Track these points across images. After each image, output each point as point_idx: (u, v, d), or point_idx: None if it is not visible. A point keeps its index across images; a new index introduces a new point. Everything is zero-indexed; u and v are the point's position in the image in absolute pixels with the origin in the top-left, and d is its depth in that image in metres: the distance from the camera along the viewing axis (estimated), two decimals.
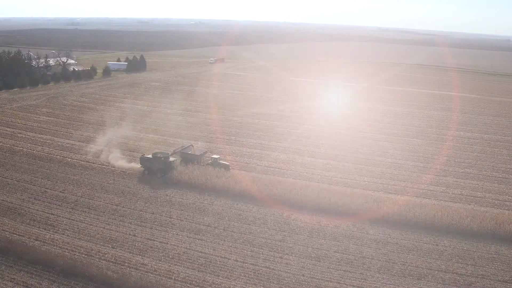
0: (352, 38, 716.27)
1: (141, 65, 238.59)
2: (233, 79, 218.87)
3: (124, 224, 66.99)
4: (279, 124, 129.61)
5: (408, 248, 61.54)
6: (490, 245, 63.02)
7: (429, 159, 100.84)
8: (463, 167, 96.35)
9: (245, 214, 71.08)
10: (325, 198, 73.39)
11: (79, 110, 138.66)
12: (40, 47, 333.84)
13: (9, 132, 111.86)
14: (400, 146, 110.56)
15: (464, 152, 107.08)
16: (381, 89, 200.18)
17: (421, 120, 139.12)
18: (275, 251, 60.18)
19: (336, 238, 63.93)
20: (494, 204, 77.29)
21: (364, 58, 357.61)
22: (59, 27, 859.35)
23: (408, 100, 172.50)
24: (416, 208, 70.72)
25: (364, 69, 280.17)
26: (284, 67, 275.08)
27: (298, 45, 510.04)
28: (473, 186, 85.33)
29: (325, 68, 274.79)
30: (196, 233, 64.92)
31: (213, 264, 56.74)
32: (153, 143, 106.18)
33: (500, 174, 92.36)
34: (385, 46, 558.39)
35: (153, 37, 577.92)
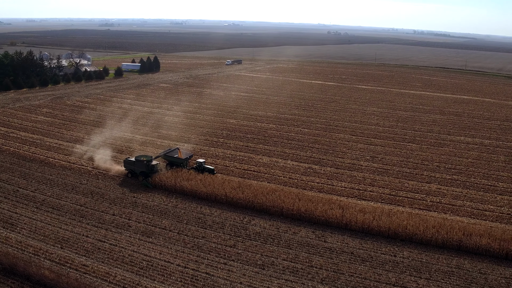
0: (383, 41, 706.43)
1: (155, 66, 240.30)
2: (244, 81, 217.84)
3: (81, 225, 66.52)
4: (274, 126, 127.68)
5: (362, 259, 58.80)
6: (453, 258, 59.70)
7: (418, 165, 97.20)
8: (452, 173, 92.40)
9: (205, 218, 69.58)
10: (289, 203, 71.17)
11: (78, 111, 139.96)
12: (63, 48, 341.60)
13: (3, 131, 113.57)
14: (392, 151, 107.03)
15: (458, 158, 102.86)
16: (393, 92, 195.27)
17: (424, 124, 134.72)
18: (221, 257, 58.47)
19: (290, 246, 61.71)
20: (471, 214, 73.50)
21: (387, 61, 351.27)
22: (92, 28, 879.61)
23: (417, 104, 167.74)
24: (383, 216, 67.78)
25: (382, 72, 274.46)
26: (302, 69, 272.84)
27: (326, 47, 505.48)
28: (455, 194, 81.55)
29: (342, 71, 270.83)
30: (148, 235, 63.82)
31: (154, 268, 55.51)
32: (141, 144, 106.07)
33: (489, 182, 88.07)
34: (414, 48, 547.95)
35: (180, 39, 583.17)
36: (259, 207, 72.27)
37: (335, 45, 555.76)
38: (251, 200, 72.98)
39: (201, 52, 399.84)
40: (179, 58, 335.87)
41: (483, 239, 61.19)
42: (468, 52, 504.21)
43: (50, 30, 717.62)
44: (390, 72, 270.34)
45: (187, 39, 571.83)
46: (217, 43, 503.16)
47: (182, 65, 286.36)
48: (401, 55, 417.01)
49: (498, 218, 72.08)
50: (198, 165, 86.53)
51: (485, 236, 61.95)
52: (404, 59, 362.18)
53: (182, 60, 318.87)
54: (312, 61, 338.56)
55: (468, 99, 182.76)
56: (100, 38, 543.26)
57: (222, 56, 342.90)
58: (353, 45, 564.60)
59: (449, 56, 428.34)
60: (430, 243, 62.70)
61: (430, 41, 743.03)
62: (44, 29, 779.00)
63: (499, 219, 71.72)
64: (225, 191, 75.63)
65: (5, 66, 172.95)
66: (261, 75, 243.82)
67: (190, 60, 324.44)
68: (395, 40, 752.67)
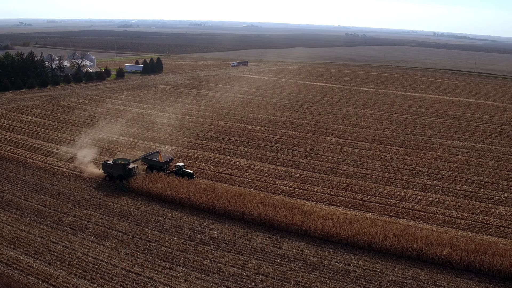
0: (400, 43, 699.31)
1: (158, 68, 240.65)
2: (245, 83, 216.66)
3: (40, 226, 66.09)
4: (261, 129, 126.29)
5: (313, 267, 57.03)
6: (410, 268, 57.52)
7: (400, 170, 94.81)
8: (433, 179, 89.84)
9: (164, 221, 68.52)
10: (251, 207, 69.68)
11: (69, 112, 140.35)
12: (76, 48, 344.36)
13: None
14: (376, 154, 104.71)
15: (443, 162, 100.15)
16: (394, 95, 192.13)
17: (417, 128, 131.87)
18: (169, 261, 57.29)
19: (242, 251, 60.22)
20: (442, 221, 71.11)
21: (398, 63, 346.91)
22: (110, 28, 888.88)
23: (416, 107, 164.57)
24: (344, 223, 65.88)
25: (388, 74, 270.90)
26: (306, 70, 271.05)
27: (338, 49, 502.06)
28: (430, 201, 79.11)
29: (347, 72, 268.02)
30: (102, 238, 63.00)
31: (98, 271, 54.65)
32: (123, 146, 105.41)
33: (470, 188, 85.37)
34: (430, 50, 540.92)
35: (194, 40, 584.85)
36: (220, 211, 70.93)
37: (349, 47, 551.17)
38: (213, 204, 71.74)
39: (211, 53, 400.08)
40: (186, 59, 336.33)
41: (445, 249, 58.90)
42: (484, 55, 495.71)
43: (67, 31, 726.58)
44: (396, 74, 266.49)
45: (200, 40, 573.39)
46: (228, 45, 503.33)
47: (187, 66, 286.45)
48: (414, 57, 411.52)
49: (470, 227, 69.55)
50: (177, 169, 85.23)
51: (447, 246, 59.65)
52: (415, 61, 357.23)
53: (189, 61, 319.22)
54: (320, 62, 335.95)
55: (470, 102, 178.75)
56: (114, 39, 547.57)
57: (230, 58, 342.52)
58: (368, 47, 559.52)
59: (463, 58, 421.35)
60: (389, 252, 60.58)
61: (448, 43, 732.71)
62: (62, 30, 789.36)
63: (470, 228, 69.20)
64: (189, 194, 74.47)
65: (5, 67, 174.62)
66: (264, 77, 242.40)
67: (196, 61, 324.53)
68: (412, 42, 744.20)
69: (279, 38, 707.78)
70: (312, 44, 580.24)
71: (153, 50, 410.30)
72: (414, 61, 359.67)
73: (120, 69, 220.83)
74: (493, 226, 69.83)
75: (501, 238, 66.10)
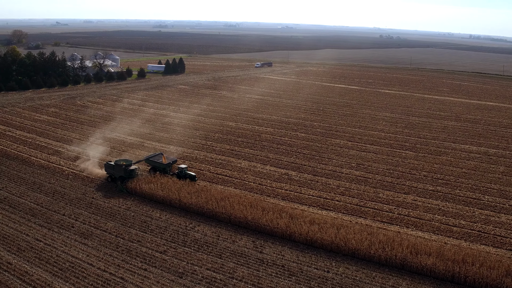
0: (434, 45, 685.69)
1: (180, 68, 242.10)
2: (265, 84, 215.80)
3: (28, 223, 66.83)
4: (271, 130, 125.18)
5: (291, 273, 55.64)
6: (391, 278, 55.52)
7: (404, 174, 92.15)
8: (437, 184, 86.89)
9: (151, 222, 68.37)
10: (238, 210, 68.73)
11: (83, 111, 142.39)
12: (105, 49, 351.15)
13: (2, 129, 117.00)
14: (383, 158, 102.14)
15: (452, 167, 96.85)
16: (415, 97, 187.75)
17: (431, 131, 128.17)
18: (145, 262, 56.95)
19: (221, 255, 59.36)
20: (436, 229, 68.54)
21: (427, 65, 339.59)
22: (145, 29, 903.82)
23: (435, 110, 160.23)
24: (332, 228, 64.20)
25: (413, 76, 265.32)
26: (331, 72, 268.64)
27: (368, 51, 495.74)
28: (429, 207, 76.44)
29: (371, 75, 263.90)
30: (86, 237, 63.22)
31: (74, 269, 54.80)
32: (130, 146, 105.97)
33: (474, 195, 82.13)
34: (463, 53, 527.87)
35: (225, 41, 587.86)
36: (209, 213, 70.29)
37: (379, 49, 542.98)
38: (202, 206, 71.17)
39: (238, 54, 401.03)
40: (212, 60, 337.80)
41: (430, 259, 56.56)
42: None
43: (101, 31, 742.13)
44: (421, 77, 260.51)
45: (230, 42, 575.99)
46: (257, 46, 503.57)
47: (211, 67, 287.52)
48: (444, 59, 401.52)
49: (465, 236, 66.75)
50: (180, 171, 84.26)
51: (433, 255, 57.27)
52: (444, 64, 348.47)
53: (214, 62, 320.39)
54: (346, 64, 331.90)
55: (492, 106, 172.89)
56: (146, 39, 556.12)
57: (256, 59, 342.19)
58: (400, 49, 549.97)
59: (495, 61, 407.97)
60: (373, 260, 58.60)
61: (483, 46, 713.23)
62: (96, 30, 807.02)
63: (465, 237, 66.41)
64: (180, 195, 74.02)
65: (26, 66, 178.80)
66: (285, 78, 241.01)
67: (222, 62, 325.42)
68: (447, 44, 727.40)
69: (311, 39, 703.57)
70: (342, 45, 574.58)
71: (181, 50, 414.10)
72: (443, 64, 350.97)
73: (142, 69, 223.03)
74: (490, 235, 66.80)
75: (496, 248, 63.12)
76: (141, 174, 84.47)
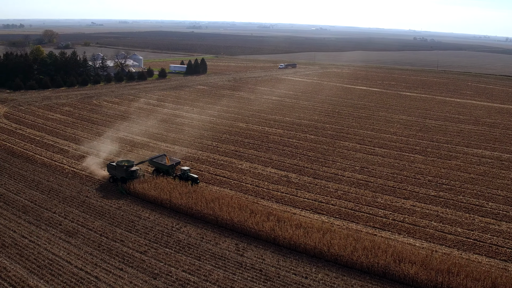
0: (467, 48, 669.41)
1: (202, 69, 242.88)
2: (285, 85, 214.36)
3: (18, 220, 67.69)
4: (281, 132, 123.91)
5: (267, 277, 54.45)
6: (371, 286, 53.57)
7: (408, 178, 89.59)
8: (440, 189, 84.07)
9: (138, 222, 68.27)
10: (225, 212, 67.95)
11: (97, 110, 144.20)
12: (134, 49, 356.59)
13: (12, 127, 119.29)
14: (389, 162, 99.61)
15: (460, 172, 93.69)
16: (436, 100, 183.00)
17: (446, 135, 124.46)
18: (123, 262, 56.80)
19: (201, 257, 58.67)
20: (429, 236, 66.17)
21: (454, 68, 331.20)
22: (178, 30, 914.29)
23: (454, 113, 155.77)
24: (317, 233, 62.70)
25: (437, 79, 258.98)
26: (354, 74, 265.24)
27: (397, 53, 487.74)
28: (426, 213, 73.93)
29: (395, 77, 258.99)
30: (71, 235, 63.58)
31: (51, 267, 55.11)
32: (135, 146, 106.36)
33: (477, 201, 79.05)
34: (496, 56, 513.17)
35: (255, 42, 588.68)
36: (197, 214, 69.75)
37: (410, 51, 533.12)
38: (190, 207, 70.62)
39: (265, 55, 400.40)
40: (237, 61, 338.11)
41: (414, 267, 54.40)
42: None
43: (134, 32, 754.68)
44: (446, 79, 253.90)
45: (260, 43, 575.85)
46: (285, 47, 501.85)
47: (234, 67, 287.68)
48: (475, 62, 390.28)
49: (458, 244, 64.12)
50: (182, 172, 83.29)
51: (417, 264, 55.07)
52: (473, 67, 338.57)
53: (239, 63, 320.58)
54: (372, 66, 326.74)
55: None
56: (176, 40, 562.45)
57: (281, 60, 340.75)
58: (431, 52, 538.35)
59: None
60: (355, 267, 56.79)
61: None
62: (130, 30, 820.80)
63: (458, 245, 63.81)
64: (171, 196, 73.61)
65: (47, 65, 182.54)
66: (306, 79, 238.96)
67: (246, 63, 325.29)
68: (481, 47, 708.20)
69: (342, 41, 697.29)
70: (373, 47, 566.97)
71: (208, 51, 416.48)
72: (472, 66, 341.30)
73: (163, 69, 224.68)
74: (485, 244, 63.94)
75: (489, 258, 60.38)
76: (143, 175, 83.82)
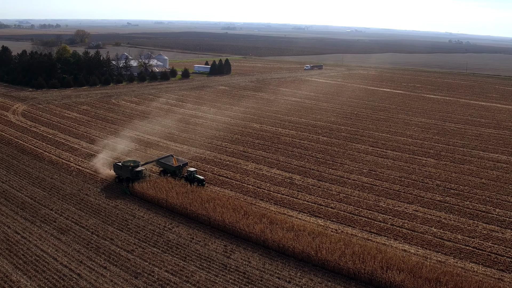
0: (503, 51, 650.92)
1: (225, 69, 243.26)
2: (307, 86, 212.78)
3: (15, 216, 68.58)
4: (293, 133, 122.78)
5: (249, 280, 53.48)
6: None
7: (416, 183, 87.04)
8: (447, 194, 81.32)
9: (132, 221, 68.33)
10: (218, 212, 67.34)
11: (114, 109, 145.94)
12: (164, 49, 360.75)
13: (27, 125, 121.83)
14: (400, 165, 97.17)
15: (471, 177, 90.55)
16: (459, 103, 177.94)
17: (463, 138, 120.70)
18: (108, 260, 56.81)
19: (186, 258, 58.12)
20: (426, 243, 63.84)
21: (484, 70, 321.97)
22: (212, 31, 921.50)
23: (476, 116, 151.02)
24: (307, 237, 61.33)
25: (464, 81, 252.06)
26: (380, 76, 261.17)
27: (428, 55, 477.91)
28: (428, 218, 71.51)
29: (421, 79, 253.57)
30: (63, 232, 64.09)
31: (37, 263, 55.59)
32: (145, 145, 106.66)
33: (485, 207, 76.06)
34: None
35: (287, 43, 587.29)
36: (191, 214, 69.39)
37: (441, 54, 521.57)
38: (185, 207, 70.28)
39: (294, 56, 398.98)
40: (264, 62, 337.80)
41: (401, 275, 52.47)
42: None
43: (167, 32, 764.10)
44: (473, 82, 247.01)
45: (290, 44, 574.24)
46: (316, 48, 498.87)
47: (260, 68, 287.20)
48: (506, 65, 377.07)
49: (455, 252, 61.64)
50: (188, 174, 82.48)
51: (405, 272, 53.10)
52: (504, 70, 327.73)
53: (265, 64, 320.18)
54: (400, 68, 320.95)
55: None
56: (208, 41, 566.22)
57: (308, 61, 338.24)
58: (465, 54, 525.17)
59: None
60: (341, 273, 55.18)
61: None
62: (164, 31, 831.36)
63: (455, 253, 61.33)
64: (167, 195, 73.44)
65: (70, 65, 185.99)
66: (330, 81, 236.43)
67: (273, 64, 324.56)
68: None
69: (376, 43, 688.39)
70: (405, 50, 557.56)
71: (237, 52, 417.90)
72: (503, 70, 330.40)
73: (186, 70, 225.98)
74: (484, 252, 61.22)
75: (486, 267, 57.70)
76: (149, 175, 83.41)
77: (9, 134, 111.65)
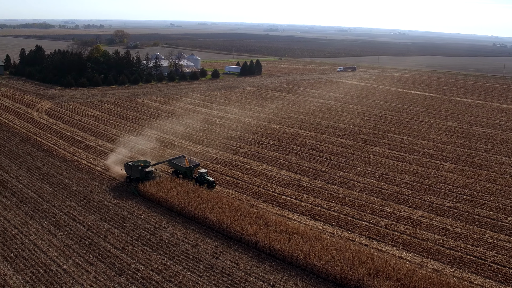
0: None
1: (256, 70, 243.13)
2: (336, 88, 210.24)
3: (17, 211, 69.87)
4: (312, 135, 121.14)
5: (232, 282, 52.65)
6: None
7: (427, 187, 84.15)
8: (458, 201, 78.14)
9: (129, 219, 68.66)
10: (214, 213, 66.86)
11: (137, 108, 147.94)
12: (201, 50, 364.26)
13: (48, 122, 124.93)
14: (415, 169, 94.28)
15: (487, 183, 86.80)
16: (490, 107, 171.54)
17: (487, 143, 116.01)
18: (97, 257, 57.15)
19: (174, 257, 57.84)
20: (426, 251, 61.29)
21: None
22: (254, 32, 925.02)
23: (506, 121, 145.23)
24: (299, 240, 59.95)
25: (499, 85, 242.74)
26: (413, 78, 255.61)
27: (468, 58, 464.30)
28: (432, 225, 68.79)
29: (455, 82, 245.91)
30: (59, 228, 65.00)
31: (27, 257, 56.40)
32: (160, 145, 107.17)
33: (496, 215, 72.57)
34: None
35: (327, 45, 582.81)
36: (188, 214, 69.14)
37: (483, 57, 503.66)
38: (183, 206, 70.11)
39: (329, 58, 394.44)
40: (297, 63, 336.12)
41: (388, 283, 50.46)
42: None
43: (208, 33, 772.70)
44: (509, 86, 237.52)
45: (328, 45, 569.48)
46: (352, 50, 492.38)
47: (292, 69, 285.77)
48: None
49: (455, 260, 58.92)
50: (199, 175, 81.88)
51: (392, 279, 51.06)
52: None
53: (299, 65, 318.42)
54: (436, 71, 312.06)
55: None
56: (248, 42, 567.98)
57: (343, 63, 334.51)
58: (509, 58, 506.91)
59: None
60: (328, 278, 53.59)
61: None
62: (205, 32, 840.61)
63: (454, 262, 58.62)
64: (168, 194, 73.51)
65: (100, 64, 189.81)
66: (360, 83, 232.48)
67: (307, 65, 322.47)
68: None
69: (418, 46, 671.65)
70: (444, 52, 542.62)
71: (274, 53, 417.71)
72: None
73: (216, 70, 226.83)
74: (486, 262, 58.20)
75: (484, 278, 54.81)
76: (158, 176, 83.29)
77: (29, 131, 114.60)
